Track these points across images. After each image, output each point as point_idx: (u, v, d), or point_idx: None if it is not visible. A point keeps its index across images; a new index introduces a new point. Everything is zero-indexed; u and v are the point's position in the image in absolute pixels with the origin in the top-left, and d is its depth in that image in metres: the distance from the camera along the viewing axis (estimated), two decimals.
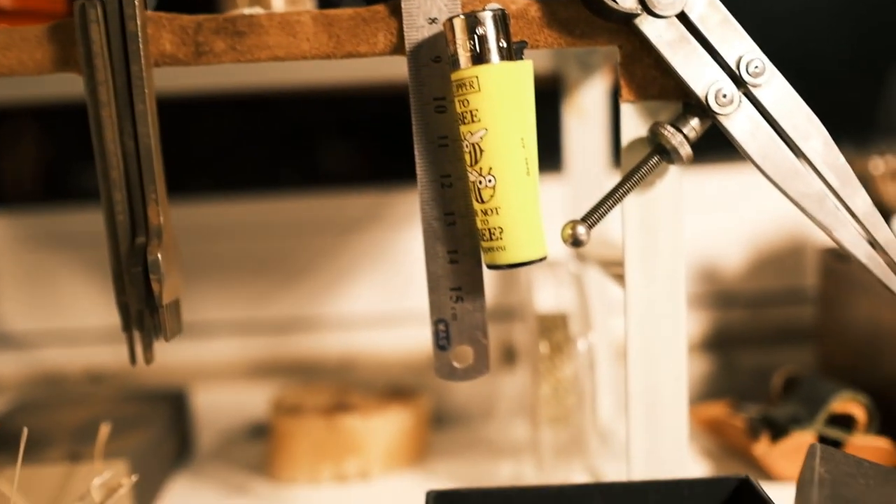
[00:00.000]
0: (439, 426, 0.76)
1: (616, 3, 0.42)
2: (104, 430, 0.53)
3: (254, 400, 0.76)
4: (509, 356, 0.76)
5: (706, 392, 0.77)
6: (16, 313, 0.77)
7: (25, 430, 0.47)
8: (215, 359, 0.77)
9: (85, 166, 0.81)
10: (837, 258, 0.67)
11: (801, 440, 0.59)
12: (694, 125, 0.44)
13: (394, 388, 0.71)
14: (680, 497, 0.46)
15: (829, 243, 0.45)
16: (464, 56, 0.41)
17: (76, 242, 0.76)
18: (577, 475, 0.60)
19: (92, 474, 0.52)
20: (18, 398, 0.75)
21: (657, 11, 0.43)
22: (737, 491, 0.46)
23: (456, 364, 0.46)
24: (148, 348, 0.46)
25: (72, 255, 0.76)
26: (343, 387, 0.71)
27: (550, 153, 0.69)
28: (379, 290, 0.77)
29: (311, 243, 0.76)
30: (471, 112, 0.41)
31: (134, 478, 0.48)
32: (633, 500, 0.46)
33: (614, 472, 0.59)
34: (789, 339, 0.78)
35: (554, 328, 0.59)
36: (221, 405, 0.76)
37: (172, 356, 0.76)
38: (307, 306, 0.77)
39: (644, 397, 0.48)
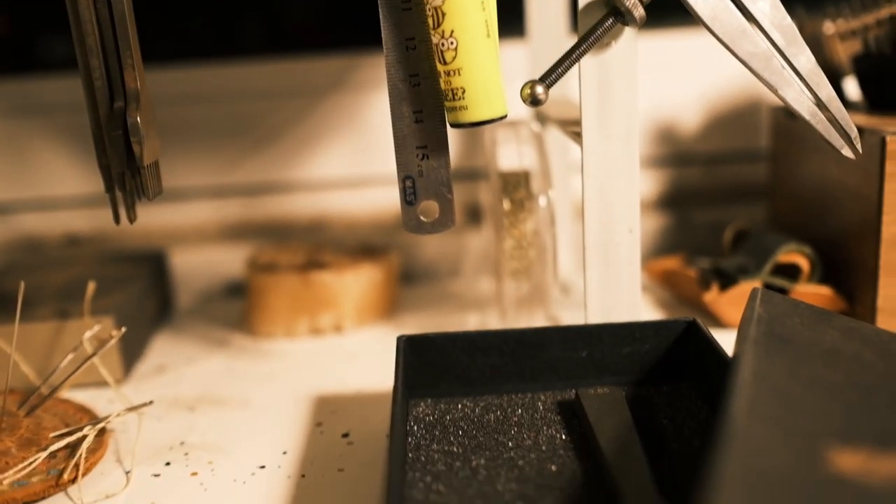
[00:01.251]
0: (408, 283, 0.79)
1: None
2: (91, 287, 0.56)
3: (229, 260, 0.79)
4: (474, 215, 0.78)
5: (662, 247, 0.81)
6: None
7: (23, 285, 0.50)
8: (190, 222, 0.79)
9: (56, 35, 0.81)
10: (788, 116, 0.69)
11: (748, 288, 0.62)
12: None
13: (364, 247, 0.74)
14: (631, 338, 0.49)
15: (780, 103, 0.47)
16: None
17: (48, 111, 0.77)
18: (538, 323, 0.63)
19: (81, 329, 0.55)
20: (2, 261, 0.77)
21: None
22: (685, 333, 0.49)
23: (423, 218, 0.49)
24: (131, 208, 0.48)
25: (45, 123, 0.77)
26: (315, 246, 0.74)
27: (513, 18, 0.70)
28: (347, 152, 0.79)
29: (281, 108, 0.78)
30: None
31: (123, 330, 0.51)
32: (587, 342, 0.49)
33: (573, 320, 0.62)
34: (743, 196, 0.81)
35: (516, 185, 0.61)
36: (198, 266, 0.79)
37: (148, 220, 0.78)
38: (278, 169, 0.79)
39: (600, 249, 0.51)
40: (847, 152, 0.48)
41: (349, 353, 0.64)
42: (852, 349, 0.43)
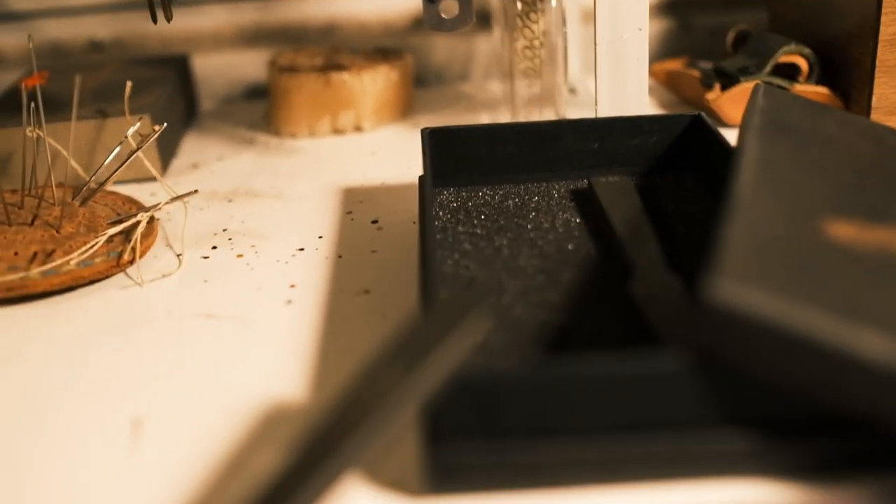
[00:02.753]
0: (419, 86, 0.81)
1: None
2: (128, 86, 0.58)
3: (247, 63, 0.80)
4: (484, 20, 0.79)
5: (665, 51, 0.82)
6: None
7: (78, 79, 0.51)
8: (207, 27, 0.80)
9: None
10: None
11: (749, 87, 0.64)
12: None
13: (379, 50, 0.75)
14: (640, 130, 0.52)
15: None
16: None
17: None
18: None
19: (122, 127, 0.57)
20: (28, 69, 0.78)
21: None
22: (690, 126, 0.52)
23: (444, 15, 0.50)
24: (168, 6, 0.49)
25: None
26: (333, 49, 0.75)
27: None
28: None
29: None
30: None
31: (164, 125, 0.53)
32: (599, 133, 0.52)
33: None
34: (745, 1, 0.81)
35: None
36: (217, 70, 0.80)
37: (167, 26, 0.79)
38: None
39: (611, 47, 0.53)
40: None
41: (370, 149, 0.66)
42: (848, 138, 0.45)
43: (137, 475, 0.34)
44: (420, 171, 0.50)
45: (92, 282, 0.48)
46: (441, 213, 0.49)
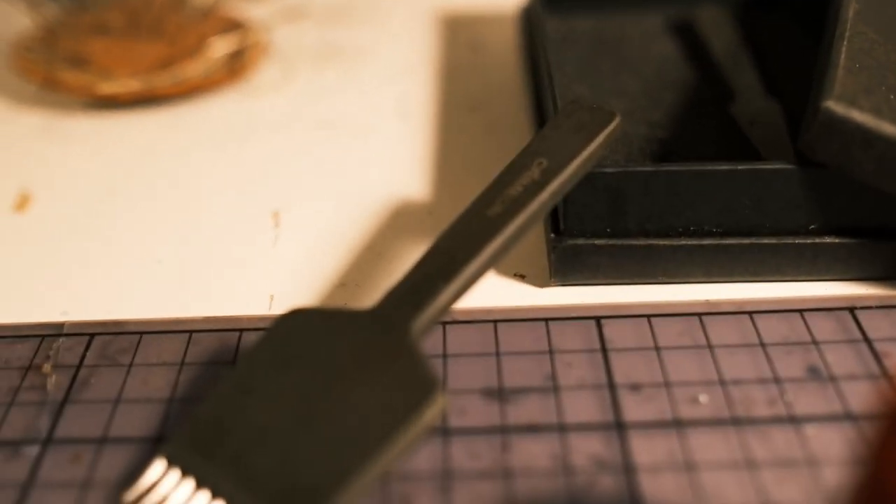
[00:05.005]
0: None
1: None
2: None
3: None
4: None
5: None
6: None
7: None
8: None
9: None
10: None
11: None
12: None
13: None
14: None
15: None
16: None
17: None
18: None
19: None
20: None
21: None
22: None
23: None
24: None
25: None
26: None
27: None
28: None
29: None
30: None
31: None
32: None
33: None
34: None
35: None
36: None
37: None
38: None
39: None
40: None
41: None
42: None
43: (282, 258, 0.37)
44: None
45: (209, 92, 0.50)
46: (545, 41, 0.50)
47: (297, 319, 0.30)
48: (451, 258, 0.30)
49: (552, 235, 0.34)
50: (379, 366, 0.27)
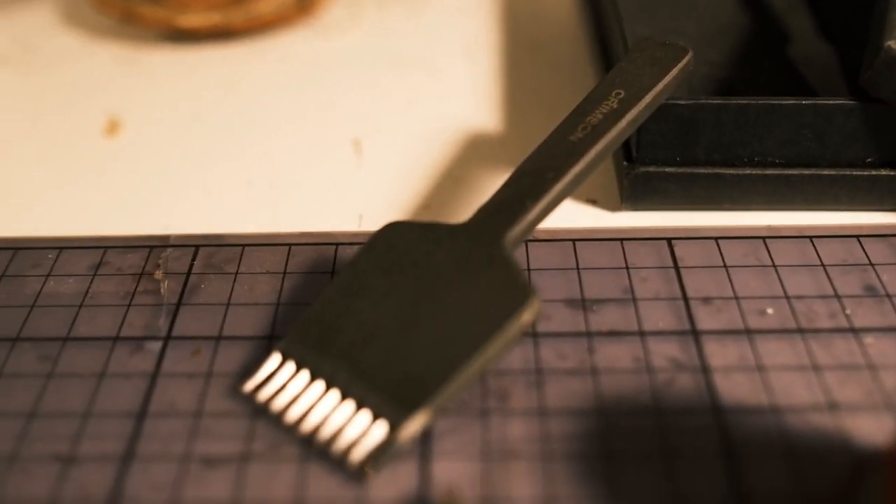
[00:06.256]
0: None
1: None
2: None
3: None
4: None
5: None
6: None
7: None
8: None
9: None
10: None
11: None
12: None
13: None
14: None
15: None
16: None
17: None
18: None
19: None
20: None
21: None
22: None
23: None
24: None
25: None
26: None
27: None
28: None
29: None
30: None
31: None
32: None
33: None
34: None
35: None
36: None
37: None
38: None
39: None
40: None
41: None
42: None
43: (366, 182, 0.40)
44: None
45: (280, 29, 0.52)
46: None
47: (395, 231, 0.32)
48: (538, 178, 0.32)
49: (625, 163, 0.37)
50: (477, 272, 0.30)
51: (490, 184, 0.39)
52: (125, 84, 0.48)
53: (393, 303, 0.30)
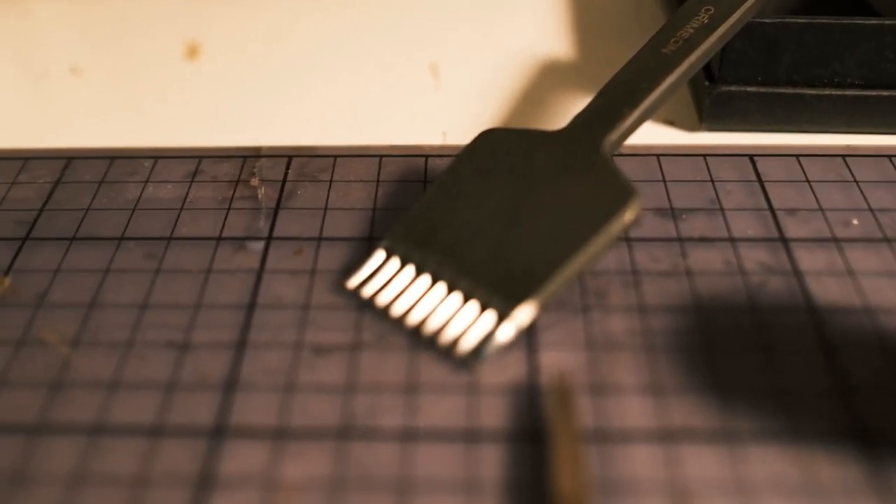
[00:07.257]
0: None
1: None
2: None
3: None
4: None
5: None
6: None
7: None
8: None
9: None
10: None
11: None
12: None
13: None
14: None
15: None
16: None
17: None
18: None
19: None
20: None
21: None
22: None
23: None
24: None
25: None
26: None
27: None
28: None
29: None
30: None
31: None
32: None
33: None
34: None
35: None
36: None
37: None
38: None
39: None
40: None
41: None
42: None
43: (445, 103, 0.40)
44: None
45: None
46: None
47: (492, 137, 0.33)
48: (633, 87, 0.32)
49: (706, 83, 0.37)
50: (577, 175, 0.30)
51: (568, 106, 0.39)
52: (199, 11, 0.48)
53: (493, 204, 0.30)
